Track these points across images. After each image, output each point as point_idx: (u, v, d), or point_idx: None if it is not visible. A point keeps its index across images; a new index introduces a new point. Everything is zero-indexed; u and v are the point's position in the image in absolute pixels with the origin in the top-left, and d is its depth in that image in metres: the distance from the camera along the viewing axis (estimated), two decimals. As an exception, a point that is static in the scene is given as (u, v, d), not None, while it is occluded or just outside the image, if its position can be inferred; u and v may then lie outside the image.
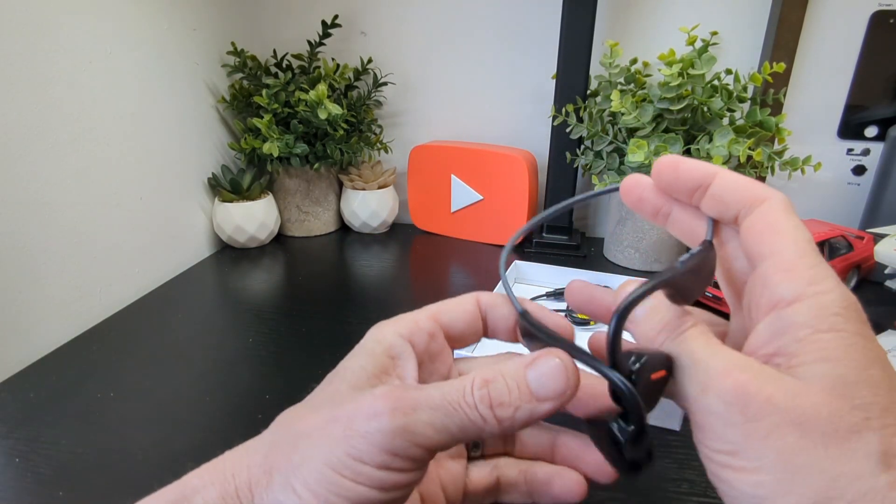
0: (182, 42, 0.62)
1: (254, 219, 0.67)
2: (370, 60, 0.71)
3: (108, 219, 0.52)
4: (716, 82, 0.56)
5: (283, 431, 0.20)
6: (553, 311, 0.24)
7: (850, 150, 0.65)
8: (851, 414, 0.15)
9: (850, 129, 0.64)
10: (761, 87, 0.61)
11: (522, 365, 0.19)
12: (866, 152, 0.65)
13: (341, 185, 0.76)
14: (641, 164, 0.55)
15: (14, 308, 0.43)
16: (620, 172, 0.60)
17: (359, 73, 0.71)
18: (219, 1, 0.68)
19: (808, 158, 0.55)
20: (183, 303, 0.55)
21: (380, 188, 0.73)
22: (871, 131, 0.64)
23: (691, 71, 0.53)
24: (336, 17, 0.67)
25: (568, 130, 0.62)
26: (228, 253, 0.68)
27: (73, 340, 0.47)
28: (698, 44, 0.54)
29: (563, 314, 0.49)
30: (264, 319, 0.51)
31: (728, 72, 0.57)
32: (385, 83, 0.72)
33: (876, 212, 0.60)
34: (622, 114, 0.56)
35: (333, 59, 0.71)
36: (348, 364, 0.21)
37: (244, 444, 0.20)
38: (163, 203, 0.60)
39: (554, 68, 0.63)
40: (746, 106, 0.59)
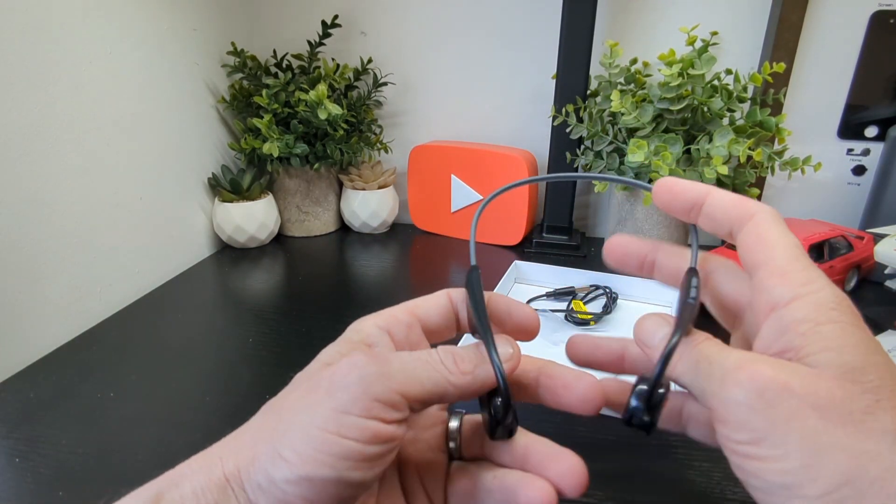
0: (182, 42, 0.62)
1: (254, 219, 0.67)
2: (370, 60, 0.71)
3: (108, 219, 0.52)
4: (716, 82, 0.56)
5: (268, 412, 0.21)
6: (520, 302, 0.26)
7: (850, 150, 0.65)
8: (863, 397, 0.16)
9: (850, 129, 0.64)
10: (761, 87, 0.61)
11: (476, 344, 0.22)
12: (866, 152, 0.65)
13: (341, 185, 0.76)
14: (641, 164, 0.55)
15: (14, 308, 0.43)
16: (620, 172, 0.60)
17: (359, 73, 0.71)
18: (219, 1, 0.68)
19: (808, 158, 0.55)
20: (183, 303, 0.55)
21: (380, 188, 0.73)
22: (871, 131, 0.64)
23: (691, 71, 0.53)
24: (336, 17, 0.67)
25: (568, 130, 0.62)
26: (228, 253, 0.68)
27: (73, 340, 0.47)
28: (698, 44, 0.54)
29: (563, 314, 0.50)
30: (264, 319, 0.51)
31: (728, 72, 0.57)
32: (385, 83, 0.72)
33: (876, 212, 0.60)
34: (622, 114, 0.56)
35: (333, 59, 0.71)
36: (326, 350, 0.23)
37: (234, 432, 0.21)
38: (163, 203, 0.60)
39: (554, 68, 0.63)
40: (746, 106, 0.59)
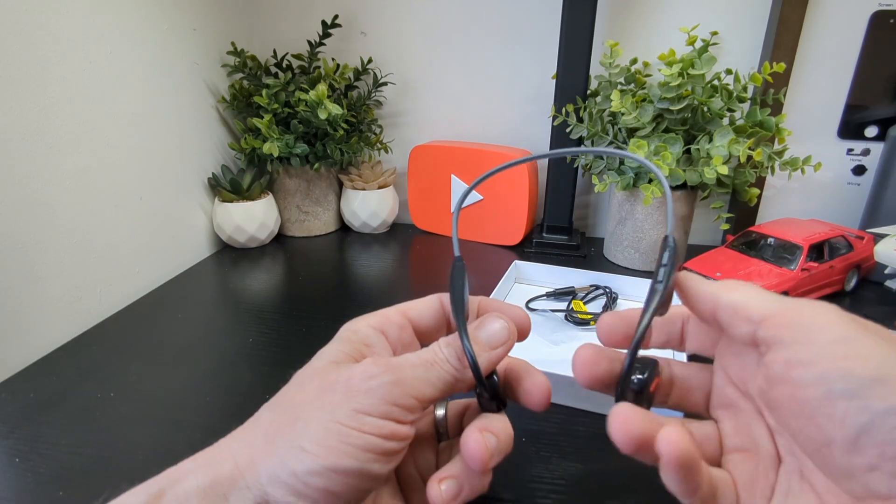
0: (182, 42, 0.62)
1: (254, 219, 0.67)
2: (370, 60, 0.71)
3: (108, 219, 0.52)
4: (716, 82, 0.56)
5: (280, 408, 0.22)
6: (511, 304, 0.26)
7: (850, 150, 0.65)
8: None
9: (850, 129, 0.64)
10: (761, 87, 0.61)
11: (472, 328, 0.24)
12: (866, 152, 0.65)
13: (341, 185, 0.76)
14: (641, 164, 0.55)
15: (14, 308, 0.43)
16: (620, 172, 0.60)
17: (359, 73, 0.71)
18: (219, 1, 0.68)
19: (808, 158, 0.55)
20: (183, 303, 0.55)
21: (380, 188, 0.73)
22: (871, 131, 0.64)
23: (691, 71, 0.53)
24: (336, 17, 0.67)
25: (568, 130, 0.62)
26: (228, 253, 0.68)
27: (73, 340, 0.47)
28: (698, 44, 0.54)
29: (563, 314, 0.49)
30: (264, 319, 0.51)
31: (728, 72, 0.57)
32: (385, 83, 0.72)
33: (876, 212, 0.60)
34: (622, 114, 0.56)
35: (333, 59, 0.71)
36: (326, 349, 0.24)
37: (239, 429, 0.22)
38: (163, 203, 0.60)
39: (554, 68, 0.63)
40: (746, 106, 0.59)
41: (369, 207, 0.73)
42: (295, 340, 0.47)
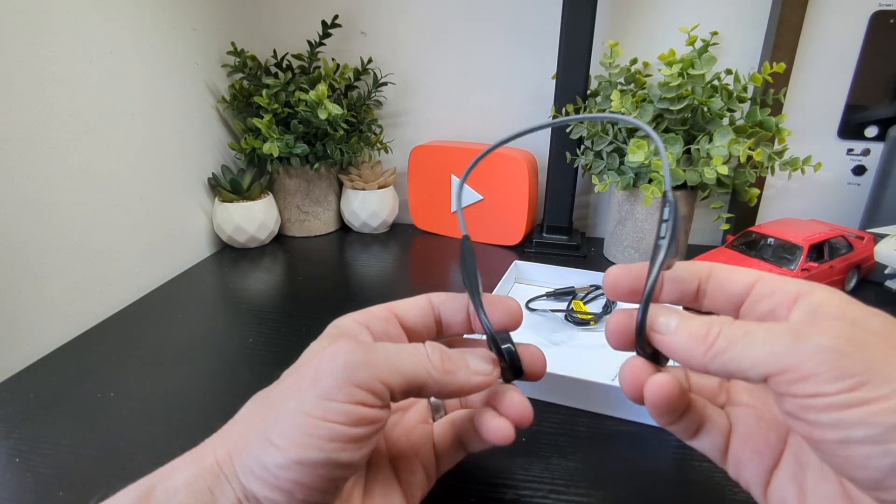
0: (182, 42, 0.62)
1: (254, 219, 0.67)
2: (370, 60, 0.71)
3: (108, 219, 0.52)
4: (716, 82, 0.56)
5: (256, 403, 0.22)
6: (505, 296, 0.26)
7: (850, 150, 0.65)
8: None
9: (850, 129, 0.64)
10: (761, 87, 0.61)
11: (460, 351, 0.24)
12: (866, 152, 0.65)
13: (341, 185, 0.76)
14: (641, 164, 0.55)
15: (14, 308, 0.43)
16: (620, 172, 0.60)
17: (359, 73, 0.71)
18: (219, 1, 0.68)
19: (808, 158, 0.55)
20: (183, 303, 0.55)
21: (380, 188, 0.73)
22: (871, 131, 0.64)
23: (691, 71, 0.53)
24: (336, 17, 0.67)
25: (568, 130, 0.62)
26: (228, 253, 0.68)
27: (73, 340, 0.47)
28: (698, 44, 0.54)
29: (563, 314, 0.50)
30: (264, 319, 0.51)
31: (728, 72, 0.57)
32: (385, 83, 0.72)
33: (876, 212, 0.60)
34: (622, 114, 0.56)
35: (333, 59, 0.71)
36: (311, 346, 0.24)
37: (222, 427, 0.22)
38: (163, 203, 0.60)
39: (554, 68, 0.63)
40: (746, 106, 0.59)
41: (369, 207, 0.73)
42: (295, 340, 0.47)
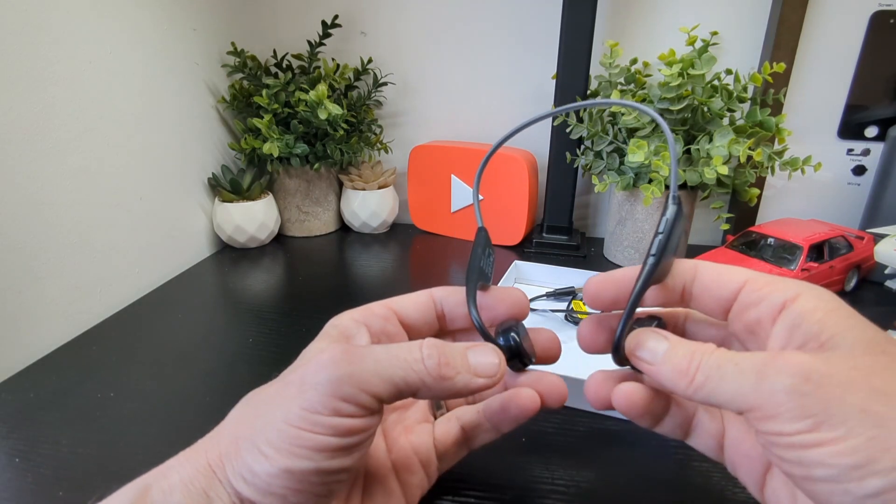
0: (182, 42, 0.62)
1: (254, 219, 0.67)
2: (370, 60, 0.71)
3: (108, 219, 0.52)
4: (716, 82, 0.56)
5: (246, 406, 0.22)
6: (510, 287, 0.27)
7: (850, 150, 0.65)
8: None
9: (850, 129, 0.64)
10: (761, 87, 0.61)
11: (464, 346, 0.22)
12: (866, 152, 0.65)
13: (341, 185, 0.76)
14: (641, 164, 0.55)
15: (14, 308, 0.43)
16: (620, 172, 0.60)
17: (359, 73, 0.71)
18: (219, 1, 0.68)
19: (808, 158, 0.55)
20: (183, 303, 0.55)
21: (380, 188, 0.73)
22: (871, 131, 0.64)
23: (691, 71, 0.53)
24: (336, 17, 0.67)
25: (568, 130, 0.62)
26: (228, 253, 0.68)
27: (73, 340, 0.47)
28: (698, 44, 0.54)
29: (563, 314, 0.50)
30: (264, 319, 0.51)
31: (728, 72, 0.57)
32: (385, 83, 0.72)
33: (876, 212, 0.60)
34: (622, 114, 0.56)
35: (333, 59, 0.71)
36: (308, 347, 0.24)
37: (215, 427, 0.22)
38: (163, 203, 0.60)
39: (554, 68, 0.63)
40: (746, 106, 0.59)
41: (369, 207, 0.73)
42: (295, 340, 0.47)
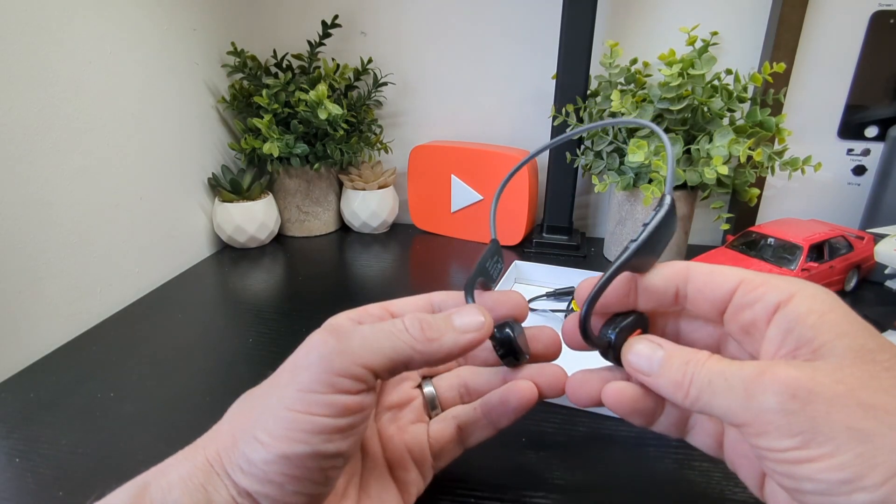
0: (182, 42, 0.62)
1: (254, 219, 0.67)
2: (370, 60, 0.71)
3: (108, 219, 0.52)
4: (716, 82, 0.56)
5: (242, 402, 0.23)
6: (509, 291, 0.27)
7: (850, 150, 0.65)
8: (887, 374, 0.16)
9: (850, 129, 0.64)
10: (761, 87, 0.61)
11: (448, 313, 0.23)
12: (866, 152, 0.65)
13: (341, 186, 0.76)
14: (641, 164, 0.55)
15: (14, 308, 0.43)
16: (620, 172, 0.60)
17: (359, 73, 0.71)
18: (219, 1, 0.68)
19: (808, 158, 0.55)
20: (183, 303, 0.55)
21: (380, 188, 0.73)
22: (872, 131, 0.64)
23: (691, 71, 0.53)
24: (336, 17, 0.67)
25: (568, 130, 0.62)
26: (228, 253, 0.68)
27: (73, 340, 0.47)
28: (698, 44, 0.54)
29: (564, 314, 0.49)
30: (264, 319, 0.51)
31: (728, 72, 0.57)
32: (385, 83, 0.72)
33: (876, 212, 0.60)
34: (622, 114, 0.56)
35: (333, 59, 0.71)
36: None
37: (214, 426, 0.22)
38: (163, 203, 0.60)
39: (554, 68, 0.63)
40: (746, 106, 0.59)
41: (369, 207, 0.73)
42: (295, 340, 0.47)
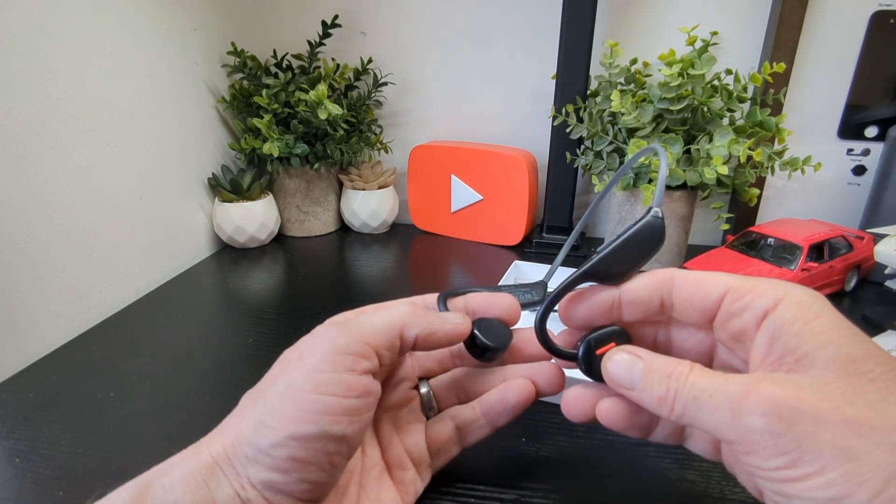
0: (182, 42, 0.62)
1: (254, 219, 0.67)
2: (370, 60, 0.71)
3: (108, 219, 0.52)
4: (716, 82, 0.56)
5: (247, 398, 0.23)
6: (497, 294, 0.28)
7: (850, 150, 0.65)
8: (871, 386, 0.16)
9: (850, 129, 0.64)
10: (761, 87, 0.61)
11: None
12: (866, 152, 0.65)
13: (341, 185, 0.76)
14: (641, 164, 0.55)
15: (14, 308, 0.43)
16: (620, 172, 0.60)
17: (359, 73, 0.71)
18: (219, 1, 0.68)
19: (808, 158, 0.55)
20: (183, 303, 0.55)
21: (380, 188, 0.73)
22: (871, 131, 0.64)
23: (691, 71, 0.52)
24: (336, 17, 0.67)
25: (568, 130, 0.62)
26: (228, 253, 0.68)
27: (73, 340, 0.47)
28: (698, 44, 0.54)
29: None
30: (264, 319, 0.51)
31: (728, 72, 0.57)
32: (385, 83, 0.72)
33: (876, 212, 0.60)
34: (622, 114, 0.56)
35: (333, 59, 0.71)
36: None
37: (217, 427, 0.23)
38: (163, 203, 0.60)
39: (554, 68, 0.63)
40: (746, 106, 0.59)
41: (369, 207, 0.73)
42: (295, 341, 0.47)
